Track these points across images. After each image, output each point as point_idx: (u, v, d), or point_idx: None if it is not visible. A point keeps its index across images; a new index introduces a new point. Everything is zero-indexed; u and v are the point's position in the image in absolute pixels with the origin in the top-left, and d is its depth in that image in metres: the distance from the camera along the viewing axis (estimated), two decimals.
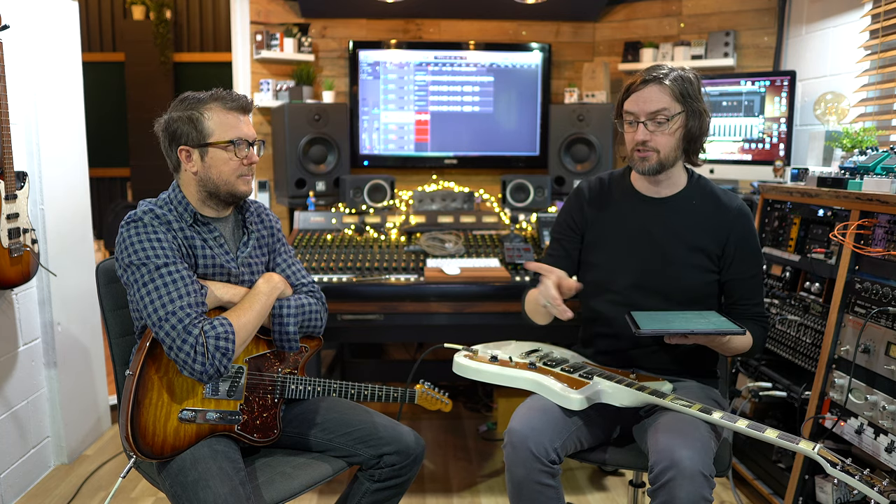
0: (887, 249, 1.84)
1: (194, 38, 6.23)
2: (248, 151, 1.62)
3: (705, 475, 1.41)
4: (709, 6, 3.36)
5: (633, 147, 1.71)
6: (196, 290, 1.53)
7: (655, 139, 1.68)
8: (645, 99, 1.67)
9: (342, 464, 1.69)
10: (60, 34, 2.71)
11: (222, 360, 1.48)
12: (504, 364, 1.73)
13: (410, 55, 3.41)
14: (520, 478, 1.54)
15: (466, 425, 3.16)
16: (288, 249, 1.83)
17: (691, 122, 1.70)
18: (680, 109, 1.68)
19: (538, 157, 3.48)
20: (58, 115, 2.67)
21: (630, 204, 1.82)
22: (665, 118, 1.66)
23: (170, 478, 1.49)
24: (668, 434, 1.48)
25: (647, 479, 1.49)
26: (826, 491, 1.96)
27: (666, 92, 1.66)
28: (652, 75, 1.68)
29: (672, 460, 1.41)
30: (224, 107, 1.60)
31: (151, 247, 1.52)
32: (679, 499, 1.39)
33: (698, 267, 1.74)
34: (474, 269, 2.53)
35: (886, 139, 2.51)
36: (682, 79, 1.68)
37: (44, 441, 2.62)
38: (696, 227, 1.75)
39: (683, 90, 1.67)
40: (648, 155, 1.69)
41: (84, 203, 2.89)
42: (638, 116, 1.68)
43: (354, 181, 3.03)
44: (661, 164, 1.71)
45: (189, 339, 1.46)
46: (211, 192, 1.63)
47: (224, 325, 1.50)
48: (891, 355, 1.77)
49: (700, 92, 1.71)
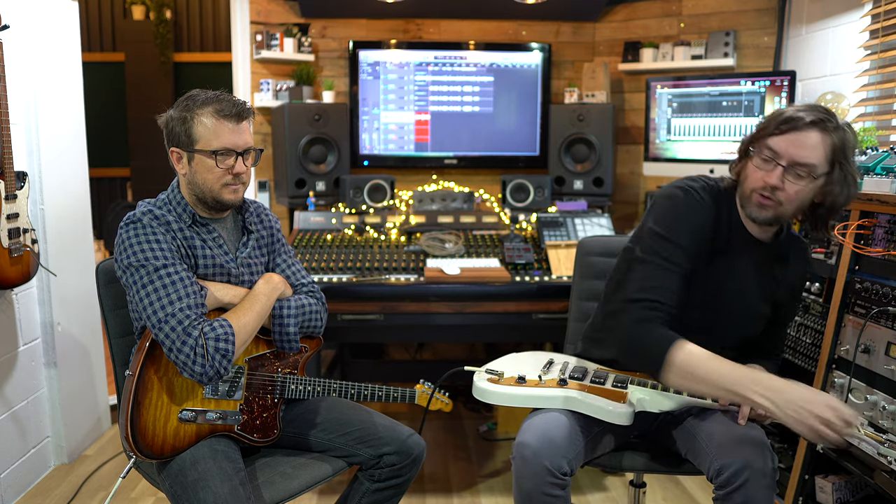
0: (887, 249, 1.84)
1: (194, 38, 6.23)
2: (234, 162, 1.57)
3: (773, 473, 1.42)
4: (709, 6, 3.36)
5: (758, 188, 1.49)
6: (195, 291, 1.52)
7: (787, 191, 1.46)
8: (801, 144, 1.43)
9: (342, 464, 1.69)
10: (60, 34, 2.71)
11: (222, 361, 1.48)
12: (533, 384, 1.62)
13: (410, 55, 3.41)
14: (528, 490, 1.48)
15: (466, 425, 3.16)
16: (288, 250, 1.82)
17: (831, 188, 1.46)
18: (827, 170, 1.45)
19: (538, 157, 3.48)
20: (58, 115, 2.67)
21: (741, 238, 1.60)
22: (808, 175, 1.44)
23: (170, 478, 1.49)
24: (729, 435, 1.46)
25: (714, 483, 1.44)
26: (826, 491, 1.96)
27: (826, 145, 1.44)
28: (819, 118, 1.44)
29: (745, 462, 1.39)
30: (217, 113, 1.55)
31: (150, 248, 1.52)
32: (756, 499, 1.38)
33: (763, 317, 1.66)
34: (474, 269, 2.53)
35: (886, 139, 2.51)
36: (843, 131, 1.45)
37: (44, 441, 2.62)
38: (777, 277, 1.62)
39: (840, 148, 1.45)
40: (771, 205, 1.48)
41: (84, 203, 2.89)
42: (781, 159, 1.45)
43: (354, 181, 3.03)
44: (776, 219, 1.52)
45: (189, 340, 1.45)
46: (199, 197, 1.61)
47: (224, 326, 1.49)
48: (891, 355, 1.77)
49: (853, 153, 1.49)
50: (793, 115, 1.45)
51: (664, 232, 1.53)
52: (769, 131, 1.48)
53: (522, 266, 2.58)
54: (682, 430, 1.62)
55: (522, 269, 2.57)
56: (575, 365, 1.75)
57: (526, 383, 1.62)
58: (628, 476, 2.27)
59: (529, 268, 2.58)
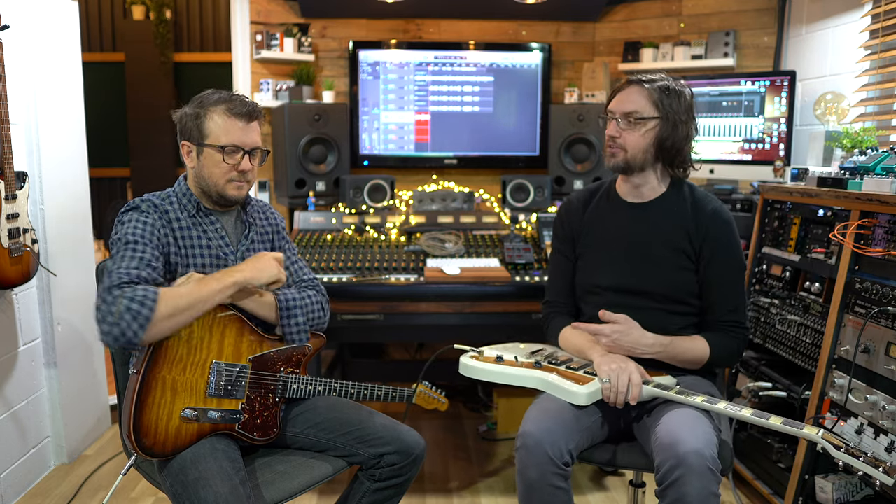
0: (887, 249, 1.84)
1: (194, 38, 6.23)
2: (240, 159, 1.64)
3: (712, 470, 1.41)
4: (709, 6, 3.36)
5: (606, 143, 1.79)
6: (147, 265, 1.51)
7: (624, 137, 1.74)
8: (623, 98, 1.75)
9: (342, 463, 1.69)
10: (60, 34, 2.71)
11: (132, 324, 1.40)
12: (509, 364, 1.74)
13: (410, 55, 3.41)
14: (532, 480, 1.53)
15: (466, 425, 3.16)
16: (291, 247, 1.87)
17: (664, 130, 1.73)
18: (654, 115, 1.73)
19: (538, 157, 3.48)
20: (58, 115, 2.67)
21: (613, 209, 1.86)
22: (636, 119, 1.72)
23: (170, 477, 1.50)
24: (671, 431, 1.48)
25: (654, 479, 1.48)
26: (826, 491, 1.96)
27: (644, 95, 1.73)
28: (637, 77, 1.76)
29: (679, 458, 1.41)
30: (228, 111, 1.63)
31: (133, 228, 1.57)
32: (689, 496, 1.39)
33: (678, 267, 1.77)
34: (474, 269, 2.53)
35: (886, 139, 2.51)
36: (668, 89, 1.73)
37: (44, 441, 2.62)
38: (675, 229, 1.77)
39: (664, 97, 1.72)
40: (616, 152, 1.76)
41: (84, 203, 2.89)
42: (614, 114, 1.76)
43: (354, 181, 3.03)
44: (626, 163, 1.76)
45: (108, 298, 1.42)
46: (204, 190, 1.68)
47: (147, 291, 1.45)
48: (891, 355, 1.77)
49: (687, 108, 1.75)
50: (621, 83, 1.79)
51: (551, 244, 1.98)
52: (608, 100, 1.81)
53: (522, 266, 2.58)
54: (644, 425, 1.66)
55: (522, 269, 2.57)
56: (562, 355, 1.85)
57: (503, 362, 1.75)
58: (628, 476, 2.28)
59: (529, 268, 2.58)
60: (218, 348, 1.59)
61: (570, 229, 1.91)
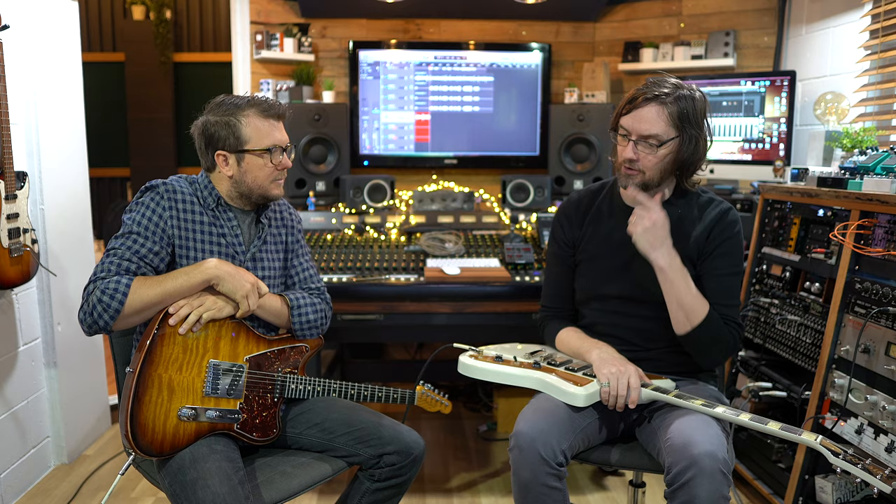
0: (887, 249, 1.84)
1: (194, 38, 6.23)
2: (283, 158, 1.68)
3: (724, 472, 1.41)
4: (709, 6, 3.36)
5: (622, 162, 1.69)
6: (141, 259, 1.56)
7: (643, 160, 1.65)
8: (641, 119, 1.63)
9: (342, 464, 1.69)
10: (60, 34, 2.71)
11: (103, 314, 1.49)
12: (508, 364, 1.74)
13: (410, 55, 3.41)
14: (526, 480, 1.52)
15: (466, 425, 3.16)
16: (306, 252, 1.88)
17: (685, 148, 1.65)
18: (674, 135, 1.64)
19: (538, 157, 3.48)
20: (58, 115, 2.67)
21: (617, 214, 1.81)
22: (657, 143, 1.63)
23: (169, 476, 1.50)
24: (681, 433, 1.47)
25: (664, 480, 1.47)
26: (826, 491, 1.96)
27: (663, 115, 1.62)
28: (654, 93, 1.63)
29: (691, 459, 1.40)
30: (261, 114, 1.65)
31: (140, 217, 1.59)
32: (700, 498, 1.38)
33: None
34: (474, 269, 2.53)
35: (886, 139, 2.51)
36: (684, 100, 1.63)
37: (44, 441, 2.62)
38: (681, 237, 1.71)
39: (683, 114, 1.63)
40: (634, 174, 1.68)
41: (84, 203, 2.89)
42: (630, 135, 1.65)
43: (354, 181, 3.03)
44: (645, 185, 1.69)
45: (89, 287, 1.52)
46: (243, 193, 1.69)
47: (119, 283, 1.51)
48: (891, 355, 1.77)
49: (703, 116, 1.67)
50: (634, 95, 1.66)
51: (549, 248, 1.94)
52: (620, 112, 1.69)
53: (522, 266, 2.58)
54: (650, 429, 1.65)
55: (522, 269, 2.57)
56: (562, 357, 1.83)
57: (502, 362, 1.75)
58: (628, 476, 2.27)
59: (529, 268, 2.58)
60: (214, 347, 1.60)
61: (571, 234, 1.86)
